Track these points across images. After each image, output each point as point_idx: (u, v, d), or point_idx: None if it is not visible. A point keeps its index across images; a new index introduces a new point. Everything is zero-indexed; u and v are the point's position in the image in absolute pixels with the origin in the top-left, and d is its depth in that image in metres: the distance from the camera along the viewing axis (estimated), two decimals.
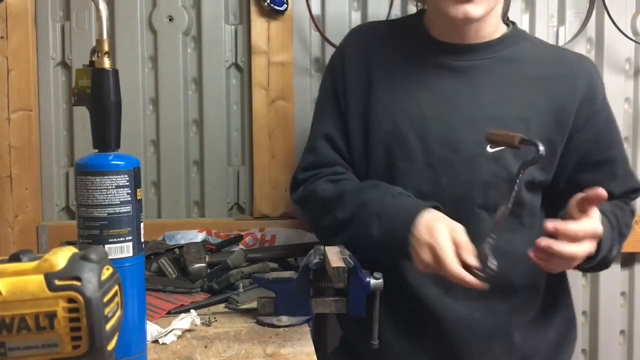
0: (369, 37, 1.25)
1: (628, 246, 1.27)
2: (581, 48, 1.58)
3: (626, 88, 1.62)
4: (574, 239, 0.94)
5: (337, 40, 1.53)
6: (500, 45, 1.15)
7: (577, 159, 1.16)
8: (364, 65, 1.21)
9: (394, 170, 1.14)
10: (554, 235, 0.95)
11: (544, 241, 0.94)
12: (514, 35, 1.18)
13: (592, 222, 0.96)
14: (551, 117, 1.12)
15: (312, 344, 0.98)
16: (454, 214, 1.04)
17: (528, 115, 1.11)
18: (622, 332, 1.68)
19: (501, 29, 1.18)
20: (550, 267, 0.99)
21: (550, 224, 0.94)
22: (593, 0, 1.54)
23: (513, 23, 1.22)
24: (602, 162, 1.18)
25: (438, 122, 1.13)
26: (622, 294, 1.68)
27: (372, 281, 1.00)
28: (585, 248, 0.96)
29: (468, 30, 1.13)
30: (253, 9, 1.53)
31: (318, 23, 1.55)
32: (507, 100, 1.12)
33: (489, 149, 1.07)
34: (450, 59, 1.15)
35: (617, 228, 1.12)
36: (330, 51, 1.56)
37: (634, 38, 1.58)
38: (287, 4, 1.51)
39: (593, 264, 1.06)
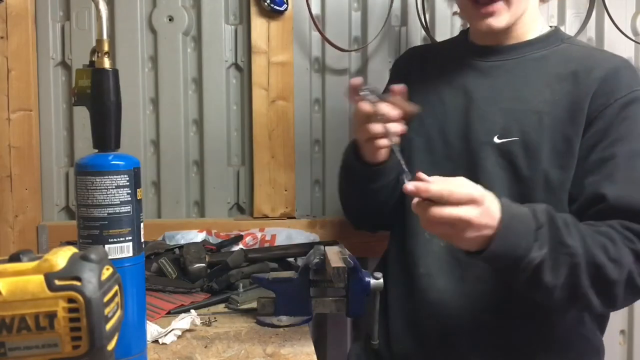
0: (413, 54, 1.35)
1: None
2: None
3: None
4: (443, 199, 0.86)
5: (337, 40, 1.54)
6: (529, 47, 1.15)
7: (586, 154, 1.06)
8: (404, 80, 1.27)
9: (419, 163, 1.16)
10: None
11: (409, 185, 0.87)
12: (550, 37, 1.17)
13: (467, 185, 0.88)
14: (566, 111, 1.08)
15: (312, 344, 0.98)
16: None
17: (542, 108, 1.09)
18: (622, 332, 1.68)
19: (539, 30, 1.17)
20: (428, 228, 0.90)
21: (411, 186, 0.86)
22: (593, 0, 1.54)
23: (557, 27, 1.22)
24: (603, 159, 1.04)
25: (457, 117, 1.16)
26: None
27: (372, 281, 1.00)
28: (461, 212, 0.86)
29: (499, 33, 1.15)
30: (253, 9, 1.53)
31: (318, 23, 1.55)
32: (524, 96, 1.11)
33: (496, 140, 1.10)
34: (478, 60, 1.18)
35: (551, 231, 0.92)
36: (330, 51, 1.56)
37: (634, 38, 1.58)
38: (287, 4, 1.51)
39: (492, 257, 0.91)
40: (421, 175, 0.88)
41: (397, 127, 1.06)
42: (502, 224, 0.89)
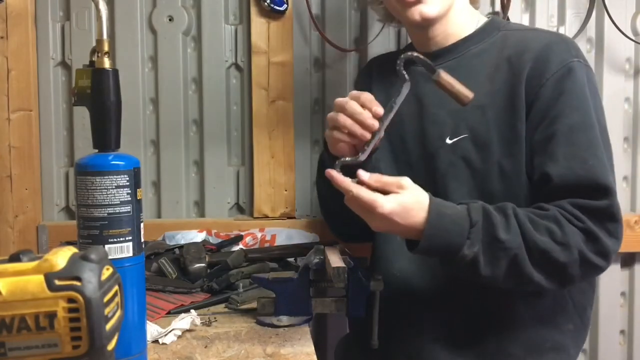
0: (372, 65, 1.38)
1: (628, 246, 1.24)
2: (581, 48, 1.57)
3: (626, 88, 1.62)
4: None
5: (337, 40, 1.54)
6: (468, 43, 1.17)
7: (531, 137, 1.07)
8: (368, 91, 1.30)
9: (386, 171, 1.17)
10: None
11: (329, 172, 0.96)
12: (486, 29, 1.18)
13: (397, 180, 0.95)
14: (506, 99, 1.09)
15: (312, 344, 0.98)
16: None
17: (484, 102, 1.10)
18: (622, 332, 1.68)
19: (475, 24, 1.19)
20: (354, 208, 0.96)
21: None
22: (593, 0, 1.54)
23: (496, 14, 1.23)
24: (545, 139, 1.05)
25: (412, 123, 1.19)
26: (622, 294, 1.68)
27: (372, 282, 1.00)
28: (378, 198, 0.92)
29: (434, 32, 1.17)
30: (253, 9, 1.53)
31: (318, 23, 1.55)
32: None
33: (448, 141, 1.13)
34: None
35: (485, 228, 0.97)
36: (330, 51, 1.56)
37: (634, 38, 1.58)
38: (287, 4, 1.51)
39: (426, 248, 0.96)
40: (360, 172, 0.94)
41: (360, 132, 1.02)
42: (429, 224, 0.94)
